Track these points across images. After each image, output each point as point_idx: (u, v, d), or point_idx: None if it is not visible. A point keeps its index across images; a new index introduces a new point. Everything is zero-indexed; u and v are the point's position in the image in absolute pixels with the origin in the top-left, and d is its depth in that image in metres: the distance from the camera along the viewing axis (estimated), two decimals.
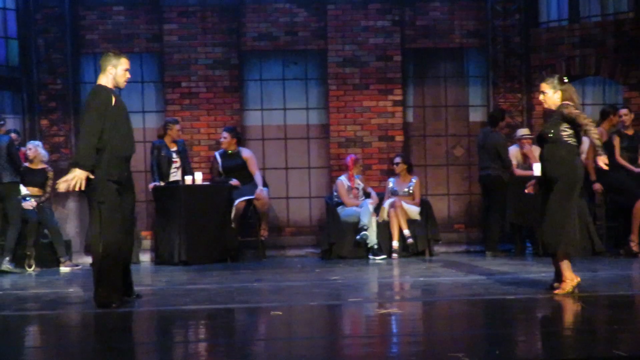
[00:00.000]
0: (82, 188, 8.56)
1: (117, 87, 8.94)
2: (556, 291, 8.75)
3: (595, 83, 15.34)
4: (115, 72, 8.89)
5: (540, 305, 8.43)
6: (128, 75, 8.99)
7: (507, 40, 15.16)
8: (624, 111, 13.11)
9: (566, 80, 8.98)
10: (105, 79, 8.89)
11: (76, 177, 8.54)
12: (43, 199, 13.35)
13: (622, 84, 14.68)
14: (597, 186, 12.80)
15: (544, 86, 9.05)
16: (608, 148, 12.78)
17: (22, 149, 13.49)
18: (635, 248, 12.47)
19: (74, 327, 8.12)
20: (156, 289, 10.47)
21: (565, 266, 8.79)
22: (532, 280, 9.98)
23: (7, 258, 12.57)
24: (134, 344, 7.06)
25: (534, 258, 13.03)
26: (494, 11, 15.20)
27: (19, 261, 12.82)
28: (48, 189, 13.40)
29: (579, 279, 8.79)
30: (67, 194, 14.57)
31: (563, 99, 8.96)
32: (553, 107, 9.03)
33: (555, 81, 8.98)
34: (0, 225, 12.81)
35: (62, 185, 8.57)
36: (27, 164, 13.36)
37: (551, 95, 9.04)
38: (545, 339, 6.85)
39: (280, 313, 8.17)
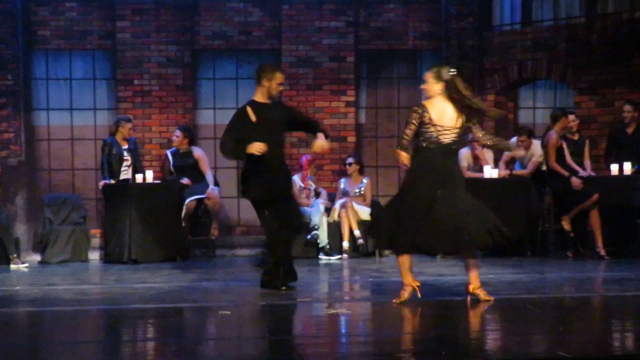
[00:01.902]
0: None
1: (271, 98, 9.48)
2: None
3: (547, 86, 15.45)
4: (269, 86, 9.41)
5: (487, 306, 8.47)
6: (281, 88, 9.55)
7: (461, 43, 15.24)
8: (571, 117, 13.21)
9: (453, 72, 8.61)
10: (260, 91, 9.44)
11: None
12: None
13: (572, 88, 14.80)
14: (576, 181, 12.82)
15: (427, 75, 8.77)
16: (559, 152, 12.90)
17: None
18: (603, 252, 12.60)
19: (21, 325, 8.05)
20: (105, 287, 10.42)
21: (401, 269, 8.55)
22: (481, 281, 10.03)
23: None
24: (82, 343, 7.01)
25: (484, 259, 13.09)
26: (448, 14, 15.26)
27: None
28: None
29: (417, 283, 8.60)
30: (16, 191, 14.47)
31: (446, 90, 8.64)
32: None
33: (442, 71, 8.61)
34: None
35: None
36: None
37: (432, 85, 8.71)
38: (491, 340, 6.89)
39: (229, 312, 8.15)
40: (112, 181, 13.49)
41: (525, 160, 13.45)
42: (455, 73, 8.62)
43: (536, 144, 13.44)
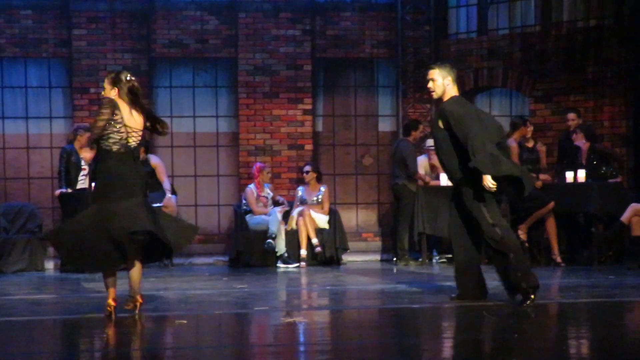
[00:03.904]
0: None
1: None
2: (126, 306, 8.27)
3: (502, 94, 15.56)
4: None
5: (445, 314, 8.51)
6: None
7: (417, 51, 15.32)
8: (528, 124, 13.27)
9: (131, 78, 8.29)
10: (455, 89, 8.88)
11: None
12: None
13: (528, 95, 14.91)
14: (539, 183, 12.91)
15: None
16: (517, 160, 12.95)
17: None
18: (559, 259, 12.69)
19: None
20: (61, 297, 10.34)
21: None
22: (439, 288, 10.07)
23: None
24: (37, 353, 6.96)
25: (441, 267, 13.16)
26: (404, 22, 15.34)
27: None
28: None
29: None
30: None
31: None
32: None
33: (120, 75, 8.27)
34: None
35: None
36: None
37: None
38: (447, 348, 6.92)
39: (185, 322, 8.13)
40: (69, 190, 13.39)
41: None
42: (133, 79, 8.35)
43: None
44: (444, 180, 13.43)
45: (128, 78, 8.30)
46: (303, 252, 13.62)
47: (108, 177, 8.17)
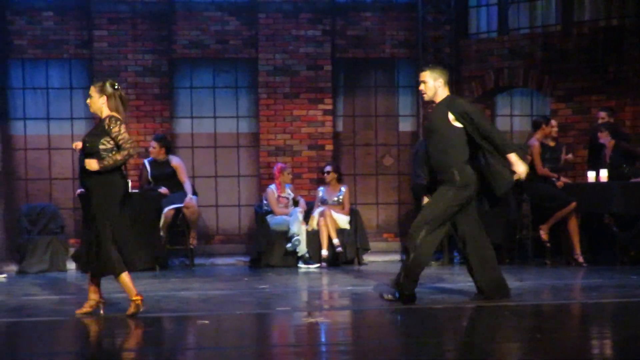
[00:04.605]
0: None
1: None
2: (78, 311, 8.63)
3: (523, 94, 15.51)
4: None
5: (466, 314, 8.50)
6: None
7: (437, 51, 15.28)
8: (553, 122, 13.20)
9: (117, 87, 8.53)
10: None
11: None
12: None
13: (549, 95, 14.86)
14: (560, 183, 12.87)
15: (92, 89, 8.59)
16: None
17: None
18: (580, 259, 12.64)
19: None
20: (82, 297, 10.36)
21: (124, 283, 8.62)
22: (459, 289, 10.05)
23: None
24: (60, 353, 6.98)
25: (462, 267, 13.12)
26: (424, 22, 15.30)
27: None
28: None
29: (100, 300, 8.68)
30: None
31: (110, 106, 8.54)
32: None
33: (106, 85, 8.51)
34: None
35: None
36: None
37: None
38: (468, 348, 6.90)
39: (207, 322, 8.14)
40: None
41: None
42: (118, 88, 8.58)
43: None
44: None
45: (116, 87, 8.54)
46: (324, 253, 13.61)
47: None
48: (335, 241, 13.62)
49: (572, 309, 8.90)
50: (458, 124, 8.79)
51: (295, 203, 14.10)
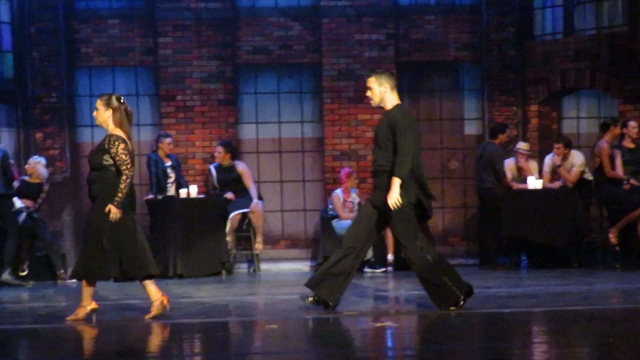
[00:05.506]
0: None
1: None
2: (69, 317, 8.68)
3: (590, 96, 15.35)
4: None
5: (535, 318, 8.42)
6: None
7: (502, 54, 15.18)
8: (632, 124, 12.92)
9: (122, 101, 8.84)
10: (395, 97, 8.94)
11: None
12: (32, 209, 13.19)
13: (616, 97, 14.69)
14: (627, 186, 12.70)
15: (98, 102, 8.82)
16: (611, 161, 12.71)
17: (11, 161, 13.26)
18: None
19: (66, 340, 8.09)
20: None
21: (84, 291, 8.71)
22: (527, 293, 9.97)
23: (8, 270, 12.53)
24: (130, 356, 7.04)
25: (529, 271, 13.02)
26: (488, 24, 15.21)
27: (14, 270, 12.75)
28: (39, 200, 13.31)
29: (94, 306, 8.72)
30: (62, 207, 14.59)
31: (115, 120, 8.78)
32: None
33: (112, 99, 8.80)
34: None
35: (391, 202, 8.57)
36: (25, 178, 13.31)
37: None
38: (539, 352, 6.84)
39: (276, 327, 8.15)
40: (160, 197, 13.52)
41: (567, 168, 13.32)
42: (124, 102, 8.77)
43: (574, 154, 13.36)
44: (531, 183, 13.31)
45: (122, 101, 8.80)
46: (390, 257, 13.58)
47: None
48: None
49: None
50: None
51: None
